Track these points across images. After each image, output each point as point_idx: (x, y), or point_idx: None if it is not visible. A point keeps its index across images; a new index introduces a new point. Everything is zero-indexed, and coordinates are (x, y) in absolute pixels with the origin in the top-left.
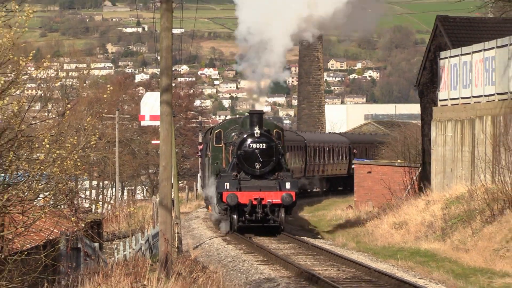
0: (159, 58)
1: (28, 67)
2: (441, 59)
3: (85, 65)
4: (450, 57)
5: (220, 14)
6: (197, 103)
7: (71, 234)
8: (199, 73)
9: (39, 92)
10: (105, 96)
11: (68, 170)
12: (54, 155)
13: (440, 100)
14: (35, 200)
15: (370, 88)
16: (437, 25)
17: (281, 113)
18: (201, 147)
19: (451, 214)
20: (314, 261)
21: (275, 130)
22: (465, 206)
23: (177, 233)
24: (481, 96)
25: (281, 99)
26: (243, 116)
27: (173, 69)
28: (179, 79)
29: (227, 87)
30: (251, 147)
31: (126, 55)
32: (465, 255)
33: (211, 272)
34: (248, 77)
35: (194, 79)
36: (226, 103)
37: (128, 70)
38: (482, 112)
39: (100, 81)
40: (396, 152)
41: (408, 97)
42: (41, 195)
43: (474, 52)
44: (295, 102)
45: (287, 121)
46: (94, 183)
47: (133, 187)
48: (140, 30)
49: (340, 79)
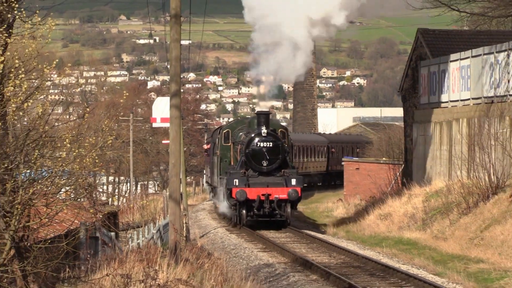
0: (169, 66)
1: (51, 74)
2: (421, 67)
3: (102, 73)
4: (430, 65)
5: (223, 27)
6: (203, 107)
7: (90, 224)
8: (204, 80)
9: (61, 97)
10: (121, 101)
11: (87, 167)
12: (75, 153)
13: (420, 104)
14: (58, 194)
15: (358, 93)
16: (418, 37)
17: (278, 116)
18: (206, 146)
19: (431, 206)
20: (308, 248)
21: (280, 129)
22: (443, 199)
23: (185, 223)
24: (457, 100)
25: (278, 103)
26: (250, 117)
27: (181, 76)
28: (187, 86)
29: (229, 92)
30: (258, 145)
31: (139, 64)
32: (443, 243)
33: (215, 258)
34: (261, 81)
35: (200, 85)
36: (229, 106)
37: (141, 78)
38: (459, 115)
39: (116, 87)
40: (381, 150)
41: (392, 102)
42: (63, 189)
43: (451, 61)
44: (290, 106)
45: (283, 123)
46: (110, 178)
47: (146, 182)
48: (152, 41)
49: (331, 85)
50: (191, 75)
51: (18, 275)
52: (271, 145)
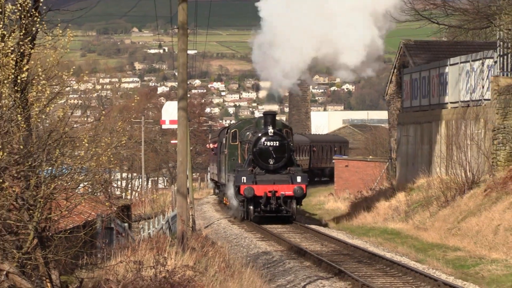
0: (176, 73)
1: (71, 81)
2: (404, 74)
3: (117, 79)
4: (412, 73)
5: (226, 38)
6: (207, 110)
7: (105, 216)
8: (209, 86)
9: (79, 101)
10: (133, 105)
11: (103, 164)
12: (92, 152)
13: (403, 108)
14: (76, 189)
15: (347, 98)
16: (401, 47)
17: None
18: (209, 146)
19: (413, 200)
20: (302, 238)
21: (284, 129)
22: (424, 193)
23: (191, 215)
24: (437, 104)
25: (275, 107)
26: (257, 117)
27: (187, 82)
28: (193, 91)
29: (231, 97)
30: (265, 144)
31: (150, 71)
32: (424, 233)
33: (218, 247)
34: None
35: (205, 91)
36: (231, 110)
37: (152, 84)
38: (438, 117)
39: (129, 92)
40: (368, 149)
41: (378, 105)
42: (81, 185)
43: (431, 69)
44: (286, 110)
45: None
46: (124, 175)
47: (156, 178)
48: (161, 51)
49: (323, 90)
50: (197, 82)
51: (40, 262)
52: (277, 144)
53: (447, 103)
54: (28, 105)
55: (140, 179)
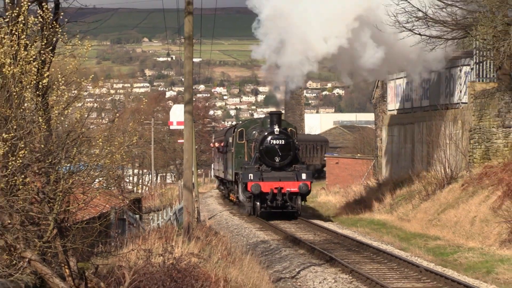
0: (183, 79)
1: (87, 86)
2: (389, 80)
3: (129, 85)
4: (396, 79)
5: (228, 47)
6: (211, 112)
7: (118, 208)
8: (212, 90)
9: (95, 105)
10: (142, 107)
11: (116, 161)
12: (106, 150)
13: (388, 110)
14: (92, 184)
15: (337, 101)
16: None
17: None
18: (212, 145)
19: (397, 193)
20: (297, 228)
21: (289, 128)
22: (407, 188)
23: (196, 207)
24: (418, 107)
25: (273, 110)
26: (263, 117)
27: (193, 87)
28: (198, 95)
29: (233, 100)
30: (271, 143)
31: (159, 77)
32: (407, 224)
33: (221, 236)
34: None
35: (209, 95)
36: (232, 112)
37: (161, 89)
38: (420, 119)
39: (140, 96)
40: (357, 148)
41: (365, 108)
42: (96, 180)
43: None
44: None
45: None
46: (135, 171)
47: (164, 174)
48: (169, 59)
49: (315, 95)
50: (202, 87)
51: (59, 250)
52: (283, 143)
53: (427, 106)
54: (49, 108)
55: (150, 175)
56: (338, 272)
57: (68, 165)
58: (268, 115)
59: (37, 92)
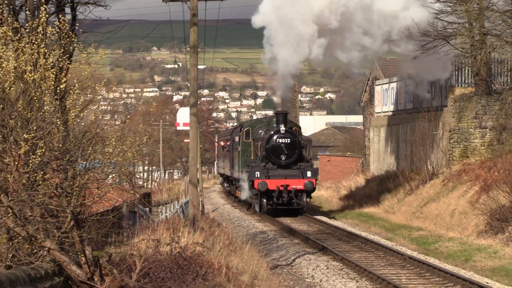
0: (189, 84)
1: (101, 90)
2: (376, 85)
3: (139, 89)
4: (382, 84)
5: (229, 55)
6: (214, 114)
7: (130, 202)
8: (215, 94)
9: (108, 107)
10: (151, 110)
11: (128, 159)
12: (119, 149)
13: (375, 113)
14: (106, 179)
15: (329, 104)
16: (374, 63)
17: None
18: (219, 144)
19: (383, 188)
20: (292, 220)
21: (294, 128)
22: (392, 183)
23: (201, 201)
24: (403, 109)
25: (270, 112)
26: (269, 116)
27: (198, 92)
28: (202, 99)
29: (234, 104)
30: (277, 141)
31: (167, 82)
32: (393, 216)
33: (223, 227)
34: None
35: (212, 98)
36: (233, 114)
37: (168, 93)
38: (403, 121)
39: (150, 100)
40: (347, 147)
41: (354, 111)
42: (110, 176)
43: (398, 81)
44: None
45: None
46: (145, 168)
47: (172, 170)
48: (176, 66)
49: (309, 98)
50: (205, 91)
51: (76, 240)
52: (288, 141)
53: (411, 108)
54: (66, 110)
55: (159, 171)
56: (330, 260)
57: (84, 162)
58: (274, 114)
59: (55, 96)
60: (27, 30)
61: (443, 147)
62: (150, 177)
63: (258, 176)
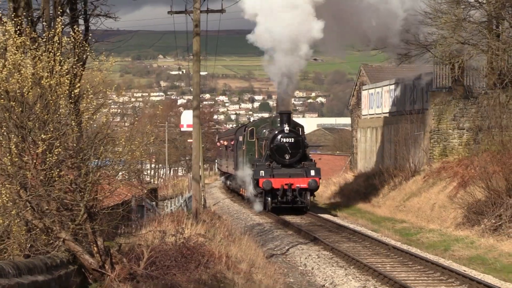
0: (192, 89)
1: (112, 95)
2: (363, 90)
3: (146, 94)
4: (369, 89)
5: (229, 63)
6: (215, 117)
7: (138, 196)
8: (216, 99)
9: (118, 110)
10: (158, 112)
11: (136, 157)
12: (128, 148)
13: (362, 115)
14: (116, 176)
15: (320, 108)
16: (361, 69)
17: None
18: (221, 143)
19: (370, 184)
20: (286, 213)
21: (297, 127)
22: (378, 179)
23: (203, 196)
24: (387, 112)
25: (266, 114)
26: (273, 116)
27: (200, 96)
28: (204, 103)
29: (233, 107)
30: (281, 141)
31: (172, 87)
32: (378, 209)
33: (223, 219)
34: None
35: (213, 102)
36: (233, 117)
37: (173, 97)
38: (388, 122)
39: (156, 104)
40: (336, 146)
41: (343, 114)
42: (120, 173)
43: (383, 86)
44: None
45: None
46: (152, 165)
47: (176, 168)
48: (180, 72)
49: (301, 102)
50: (207, 95)
51: (89, 231)
52: (292, 141)
53: (395, 111)
54: (80, 113)
55: (164, 169)
56: (321, 249)
57: (96, 160)
58: (278, 114)
59: (70, 100)
60: (44, 40)
61: (424, 146)
62: (156, 174)
63: (263, 175)
